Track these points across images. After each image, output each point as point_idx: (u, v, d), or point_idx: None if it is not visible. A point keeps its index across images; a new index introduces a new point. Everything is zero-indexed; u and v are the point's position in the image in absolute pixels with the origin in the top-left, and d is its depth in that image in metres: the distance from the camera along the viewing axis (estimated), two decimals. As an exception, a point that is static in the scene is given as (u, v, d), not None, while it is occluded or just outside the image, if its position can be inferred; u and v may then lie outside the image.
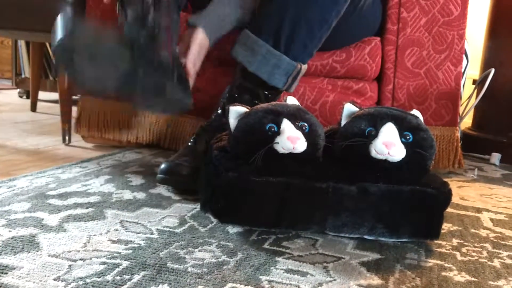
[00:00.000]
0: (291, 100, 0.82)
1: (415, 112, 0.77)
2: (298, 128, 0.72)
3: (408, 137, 0.71)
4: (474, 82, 1.75)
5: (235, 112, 0.75)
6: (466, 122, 1.82)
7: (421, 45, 1.29)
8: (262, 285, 0.57)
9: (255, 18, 1.06)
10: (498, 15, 1.70)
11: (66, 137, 1.39)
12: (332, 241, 0.74)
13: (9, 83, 2.90)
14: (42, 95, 2.26)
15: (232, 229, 0.76)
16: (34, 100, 2.06)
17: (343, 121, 0.76)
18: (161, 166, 0.94)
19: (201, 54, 1.04)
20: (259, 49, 1.01)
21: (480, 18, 1.88)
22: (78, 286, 0.54)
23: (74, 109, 1.39)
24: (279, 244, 0.71)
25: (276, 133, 0.71)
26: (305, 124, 0.73)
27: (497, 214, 0.97)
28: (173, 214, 0.81)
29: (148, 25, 0.88)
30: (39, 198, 0.84)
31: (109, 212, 0.80)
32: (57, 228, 0.70)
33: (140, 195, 0.90)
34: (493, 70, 1.49)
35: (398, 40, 1.29)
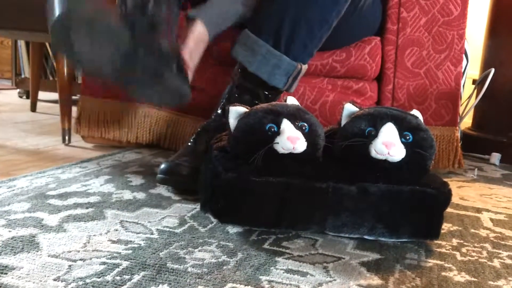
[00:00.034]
0: (291, 100, 0.82)
1: (415, 112, 0.77)
2: (298, 128, 0.72)
3: (408, 137, 0.71)
4: (474, 82, 1.75)
5: (235, 112, 0.75)
6: (466, 122, 1.82)
7: (421, 45, 1.29)
8: (262, 285, 0.57)
9: (255, 18, 1.06)
10: (498, 15, 1.70)
11: (66, 137, 1.39)
12: (332, 241, 0.74)
13: (9, 83, 2.90)
14: (42, 95, 2.26)
15: (232, 229, 0.76)
16: (34, 100, 2.06)
17: (343, 121, 0.76)
18: (161, 166, 0.94)
19: (200, 48, 1.03)
20: (259, 49, 1.01)
21: (480, 18, 1.88)
22: (78, 286, 0.54)
23: (74, 109, 1.39)
24: (279, 244, 0.71)
25: (276, 133, 0.71)
26: (305, 124, 0.73)
27: (497, 214, 0.97)
28: (173, 214, 0.81)
29: (148, 13, 0.86)
30: (39, 198, 0.84)
31: (109, 212, 0.79)
32: (57, 228, 0.70)
33: (140, 195, 0.90)
34: (493, 70, 1.49)
35: (398, 40, 1.29)
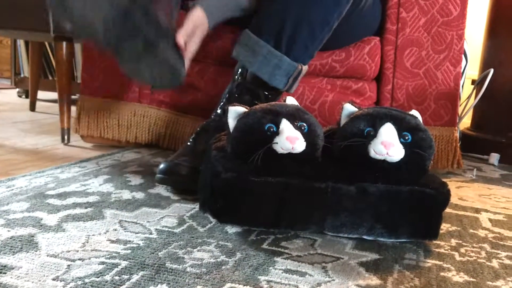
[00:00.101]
0: (290, 100, 0.82)
1: (414, 112, 0.77)
2: (297, 128, 0.72)
3: (407, 138, 0.71)
4: (473, 82, 1.75)
5: (234, 112, 0.75)
6: (465, 122, 1.82)
7: (420, 45, 1.29)
8: (261, 285, 0.57)
9: (256, 19, 1.05)
10: (497, 15, 1.70)
11: (65, 137, 1.39)
12: (331, 241, 0.74)
13: (8, 83, 2.90)
14: (41, 95, 2.26)
15: (231, 229, 0.76)
16: (33, 100, 2.06)
17: (342, 121, 0.76)
18: (160, 166, 0.94)
19: (198, 34, 1.01)
20: (260, 50, 1.01)
21: (479, 18, 1.88)
22: (77, 286, 0.54)
23: (74, 109, 1.39)
24: (278, 244, 0.71)
25: (275, 133, 0.71)
26: (304, 124, 0.73)
27: (496, 215, 0.97)
28: (172, 214, 0.81)
29: None
30: (38, 198, 0.84)
31: (108, 212, 0.79)
32: (56, 228, 0.70)
33: (139, 195, 0.90)
34: (492, 70, 1.49)
35: (397, 40, 1.29)
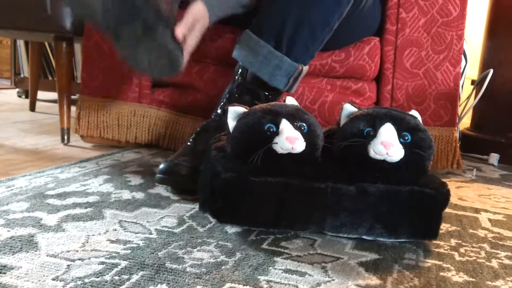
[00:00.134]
0: (290, 100, 0.82)
1: (414, 113, 0.77)
2: (297, 128, 0.72)
3: (407, 138, 0.71)
4: (473, 83, 1.76)
5: (234, 112, 0.75)
6: (465, 123, 1.82)
7: (420, 46, 1.29)
8: (261, 285, 0.57)
9: (257, 19, 1.05)
10: (497, 15, 1.70)
11: (65, 137, 1.39)
12: (331, 241, 0.74)
13: (8, 83, 2.90)
14: (41, 95, 2.26)
15: (231, 229, 0.76)
16: (33, 100, 2.06)
17: (342, 121, 0.76)
18: (160, 166, 0.94)
19: (198, 28, 1.00)
20: (261, 50, 1.01)
21: (479, 19, 1.89)
22: (77, 286, 0.54)
23: (73, 109, 1.39)
24: (278, 244, 0.71)
25: (275, 133, 0.71)
26: (304, 124, 0.73)
27: (495, 215, 0.97)
28: (172, 214, 0.81)
29: None
30: (38, 198, 0.84)
31: (108, 212, 0.79)
32: (56, 228, 0.70)
33: (139, 195, 0.90)
34: (492, 71, 1.49)
35: (397, 41, 1.29)
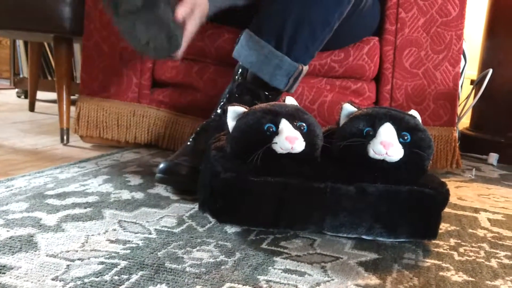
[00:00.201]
0: (290, 100, 0.82)
1: (413, 112, 0.78)
2: (297, 128, 0.72)
3: (406, 137, 0.71)
4: (472, 83, 1.76)
5: (234, 112, 0.75)
6: (464, 122, 1.82)
7: (419, 46, 1.29)
8: (260, 285, 0.57)
9: (257, 19, 1.05)
10: (496, 15, 1.70)
11: (64, 137, 1.39)
12: (330, 241, 0.74)
13: (7, 83, 2.90)
14: (40, 95, 2.26)
15: (230, 229, 0.76)
16: (32, 100, 2.06)
17: (341, 121, 0.76)
18: (160, 166, 0.94)
19: (197, 15, 0.99)
20: (261, 50, 1.01)
21: (478, 18, 1.89)
22: (76, 286, 0.54)
23: (73, 109, 1.39)
24: (277, 244, 0.71)
25: (275, 133, 0.71)
26: (303, 124, 0.73)
27: (495, 214, 0.97)
28: (171, 214, 0.81)
29: None
30: (37, 198, 0.84)
31: (107, 212, 0.79)
32: (55, 228, 0.70)
33: (139, 195, 0.90)
34: (491, 71, 1.50)
35: (396, 41, 1.29)
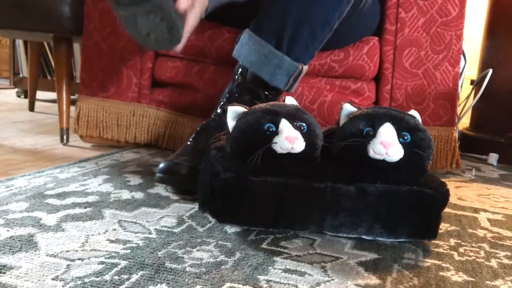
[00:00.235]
0: (290, 100, 0.82)
1: (413, 112, 0.78)
2: (297, 128, 0.72)
3: (406, 137, 0.71)
4: (472, 83, 1.76)
5: (234, 112, 0.75)
6: (464, 123, 1.82)
7: (419, 46, 1.29)
8: (260, 285, 0.57)
9: (257, 19, 1.05)
10: (496, 15, 1.70)
11: (64, 137, 1.39)
12: (330, 241, 0.74)
13: (7, 83, 2.90)
14: (40, 95, 2.26)
15: (230, 229, 0.76)
16: (32, 100, 2.06)
17: (341, 121, 0.76)
18: (160, 165, 0.94)
19: (198, 7, 0.98)
20: (262, 50, 1.01)
21: (478, 18, 1.89)
22: (76, 286, 0.54)
23: (73, 109, 1.39)
24: (277, 244, 0.71)
25: (275, 133, 0.71)
26: (303, 124, 0.73)
27: (495, 214, 0.97)
28: (171, 214, 0.81)
29: None
30: (37, 198, 0.84)
31: (107, 212, 0.79)
32: (55, 228, 0.70)
33: (138, 195, 0.90)
34: (491, 71, 1.50)
35: (396, 41, 1.29)
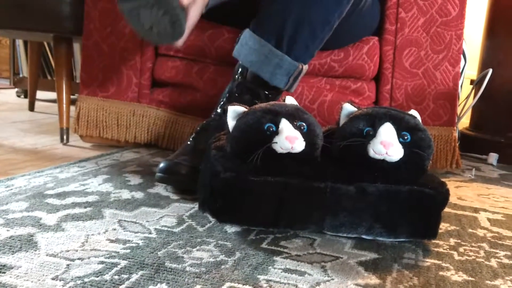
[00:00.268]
0: (290, 100, 0.82)
1: (413, 112, 0.78)
2: (297, 128, 0.72)
3: (406, 137, 0.71)
4: (472, 82, 1.76)
5: (234, 112, 0.75)
6: (464, 122, 1.82)
7: (419, 45, 1.29)
8: (260, 285, 0.57)
9: (257, 18, 1.05)
10: (496, 15, 1.70)
11: (64, 137, 1.39)
12: (330, 241, 0.74)
13: (7, 83, 2.90)
14: (40, 95, 2.26)
15: (230, 229, 0.76)
16: (32, 100, 2.06)
17: (341, 121, 0.76)
18: (160, 165, 0.94)
19: (199, 2, 0.97)
20: (262, 49, 1.01)
21: (478, 18, 1.89)
22: (76, 286, 0.54)
23: (73, 109, 1.39)
24: (277, 244, 0.71)
25: (275, 133, 0.71)
26: (304, 124, 0.73)
27: (494, 214, 0.97)
28: (171, 214, 0.81)
29: None
30: (37, 198, 0.84)
31: (107, 212, 0.79)
32: (55, 228, 0.70)
33: (138, 195, 0.90)
34: (491, 70, 1.50)
35: (396, 40, 1.29)
